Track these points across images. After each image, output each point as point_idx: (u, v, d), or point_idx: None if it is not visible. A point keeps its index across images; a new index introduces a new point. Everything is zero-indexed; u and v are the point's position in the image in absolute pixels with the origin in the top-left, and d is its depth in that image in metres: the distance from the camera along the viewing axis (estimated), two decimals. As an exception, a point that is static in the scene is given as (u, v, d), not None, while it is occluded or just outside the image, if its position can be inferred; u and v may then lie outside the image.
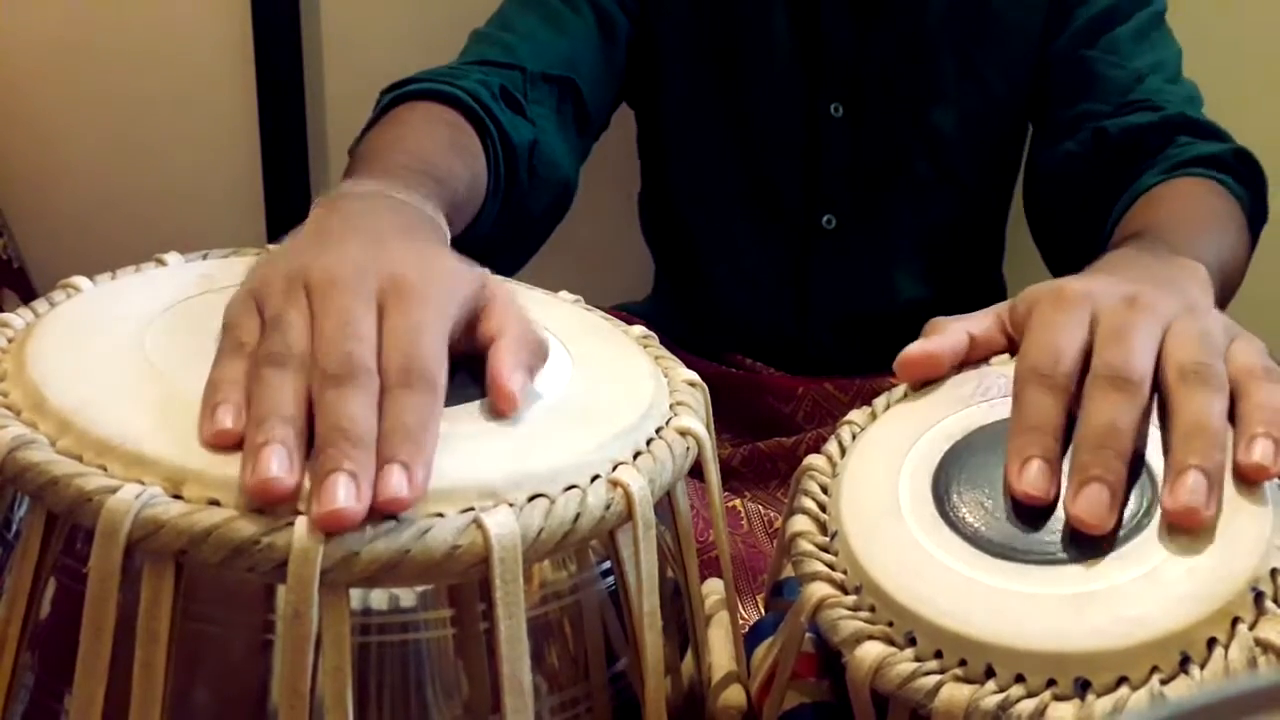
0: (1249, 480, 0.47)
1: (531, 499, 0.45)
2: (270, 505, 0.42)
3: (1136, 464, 0.49)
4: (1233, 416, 0.49)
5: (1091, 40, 1.00)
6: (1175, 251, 0.67)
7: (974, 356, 0.57)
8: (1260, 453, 0.47)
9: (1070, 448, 0.49)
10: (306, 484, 0.43)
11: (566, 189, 0.95)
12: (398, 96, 0.83)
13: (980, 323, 0.57)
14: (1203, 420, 0.47)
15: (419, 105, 0.82)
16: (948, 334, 0.57)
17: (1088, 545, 0.47)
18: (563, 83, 0.96)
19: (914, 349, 0.56)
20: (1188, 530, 0.45)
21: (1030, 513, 0.49)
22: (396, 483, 0.43)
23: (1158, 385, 0.50)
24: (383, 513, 0.42)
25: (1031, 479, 0.48)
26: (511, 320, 0.51)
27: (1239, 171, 0.89)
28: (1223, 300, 0.74)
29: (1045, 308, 0.54)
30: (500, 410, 0.48)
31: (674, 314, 1.13)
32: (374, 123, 0.81)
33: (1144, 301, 0.52)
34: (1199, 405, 0.48)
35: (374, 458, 0.43)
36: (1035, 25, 1.02)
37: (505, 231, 0.88)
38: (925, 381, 0.57)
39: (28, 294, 1.37)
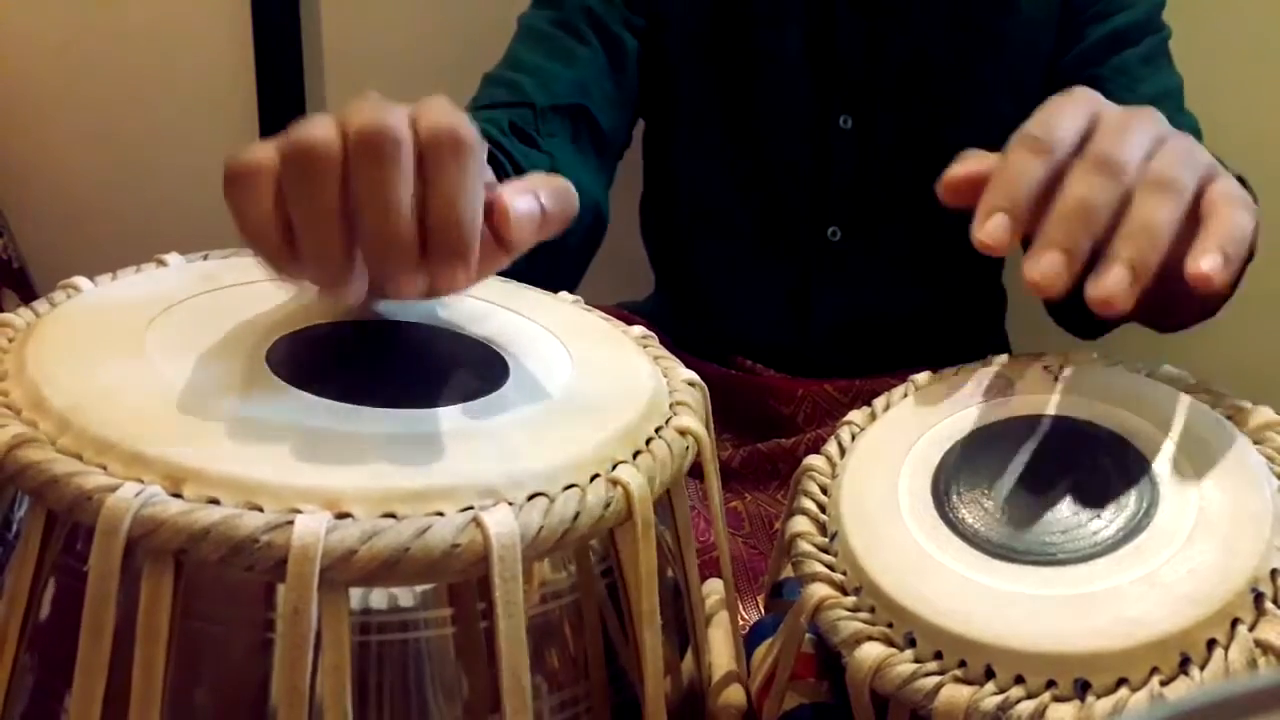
0: (1195, 286, 0.49)
1: (531, 498, 0.45)
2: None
3: (1138, 467, 0.50)
4: None
5: (1101, 61, 1.00)
6: None
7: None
8: (1210, 260, 0.49)
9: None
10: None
11: (597, 214, 0.95)
12: None
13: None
14: (1147, 220, 0.49)
15: None
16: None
17: (1087, 546, 0.47)
18: (574, 111, 0.96)
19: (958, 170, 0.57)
20: (1106, 316, 0.48)
21: (1030, 514, 0.49)
22: (460, 281, 0.46)
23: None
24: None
25: (990, 229, 0.50)
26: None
27: None
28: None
29: (1052, 100, 0.55)
30: (497, 231, 0.49)
31: (674, 314, 1.13)
32: None
33: (1144, 114, 0.54)
34: (1153, 207, 0.50)
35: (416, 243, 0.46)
36: (1045, 43, 1.02)
37: (541, 263, 0.88)
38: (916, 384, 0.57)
39: (28, 294, 1.38)
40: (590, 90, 0.98)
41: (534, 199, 0.49)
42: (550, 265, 0.91)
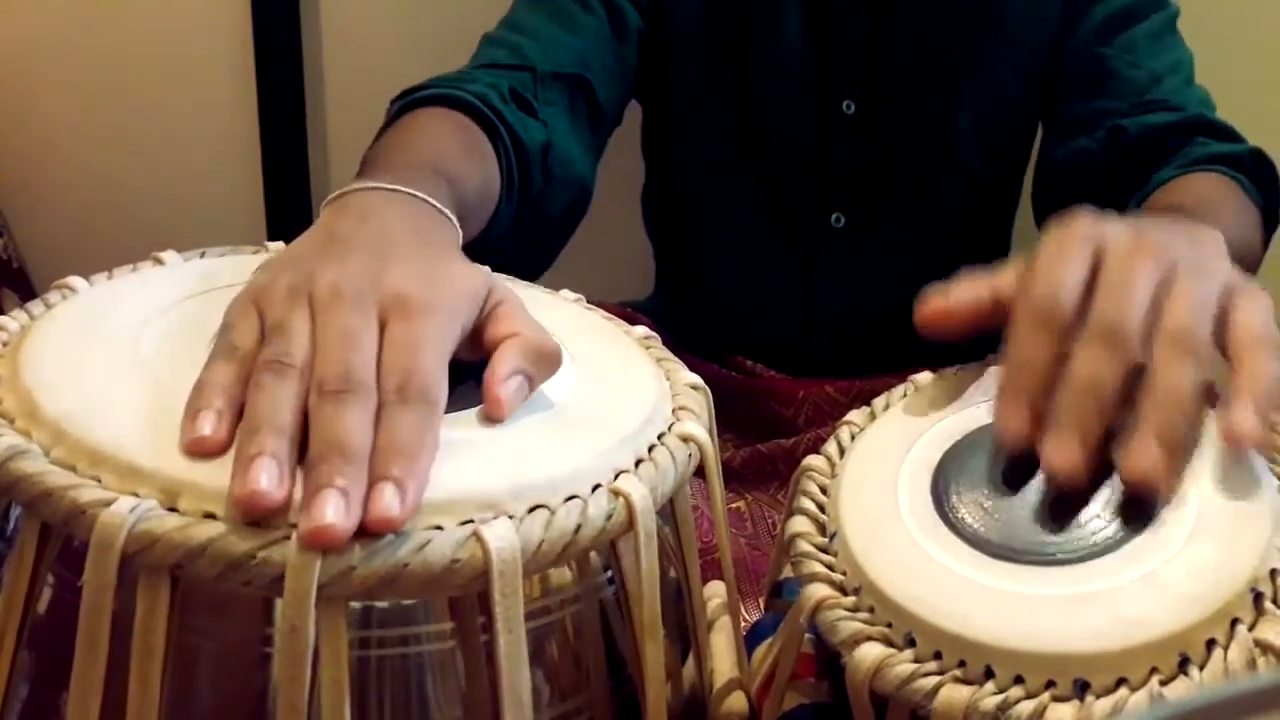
0: (1232, 446, 0.47)
1: (531, 510, 0.44)
2: (259, 517, 0.42)
3: None
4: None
5: (1107, 38, 1.00)
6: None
7: (1000, 313, 0.55)
8: (1242, 420, 0.47)
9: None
10: (298, 495, 0.42)
11: (583, 188, 0.95)
12: (406, 104, 0.83)
13: (1004, 279, 0.56)
14: (1172, 389, 0.48)
15: (427, 111, 0.82)
16: (968, 288, 0.56)
17: (1086, 547, 0.47)
18: (574, 80, 0.95)
19: (933, 302, 0.56)
20: (1142, 493, 0.46)
21: (1029, 514, 0.49)
22: (388, 501, 0.42)
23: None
24: (373, 531, 0.42)
25: (1009, 423, 0.49)
26: (519, 326, 0.51)
27: (1254, 172, 0.89)
28: None
29: (1051, 242, 0.54)
30: (488, 416, 0.48)
31: (675, 314, 1.12)
32: (384, 131, 0.81)
33: (1150, 242, 0.52)
34: (1173, 374, 0.48)
35: (365, 474, 0.43)
36: (1050, 22, 1.02)
37: (524, 234, 0.88)
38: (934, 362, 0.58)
39: (27, 294, 1.38)
40: (591, 61, 0.97)
41: (523, 380, 0.49)
42: (535, 239, 0.91)
